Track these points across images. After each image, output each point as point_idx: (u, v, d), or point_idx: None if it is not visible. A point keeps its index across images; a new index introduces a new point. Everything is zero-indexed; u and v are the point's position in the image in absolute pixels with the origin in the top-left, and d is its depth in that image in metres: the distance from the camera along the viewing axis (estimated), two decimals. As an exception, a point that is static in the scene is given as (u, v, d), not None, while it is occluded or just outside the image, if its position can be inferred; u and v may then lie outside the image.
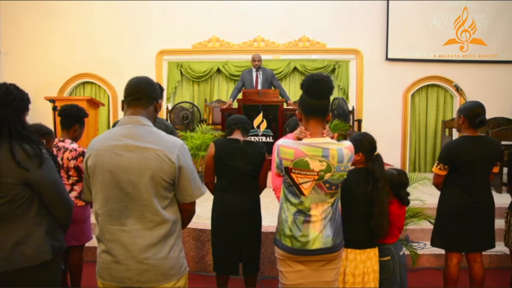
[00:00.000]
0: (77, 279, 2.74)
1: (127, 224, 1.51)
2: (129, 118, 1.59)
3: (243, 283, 2.68)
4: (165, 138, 1.58)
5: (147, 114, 1.61)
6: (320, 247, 1.75)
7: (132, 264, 1.50)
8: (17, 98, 1.57)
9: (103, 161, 1.52)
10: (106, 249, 1.54)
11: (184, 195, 1.60)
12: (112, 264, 1.52)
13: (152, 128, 1.59)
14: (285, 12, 6.99)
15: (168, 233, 1.56)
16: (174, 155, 1.53)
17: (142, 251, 1.50)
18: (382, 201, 2.10)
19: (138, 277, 1.51)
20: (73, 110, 2.68)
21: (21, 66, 7.11)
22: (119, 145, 1.52)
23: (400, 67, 6.92)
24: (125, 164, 1.50)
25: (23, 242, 1.53)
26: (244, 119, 2.70)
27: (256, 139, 5.04)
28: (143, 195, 1.50)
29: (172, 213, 1.59)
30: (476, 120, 2.51)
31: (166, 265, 1.54)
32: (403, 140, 7.06)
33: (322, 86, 1.74)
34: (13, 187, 1.50)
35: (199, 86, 7.41)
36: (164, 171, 1.51)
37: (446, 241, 2.63)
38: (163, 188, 1.53)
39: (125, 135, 1.54)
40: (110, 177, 1.51)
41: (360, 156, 2.17)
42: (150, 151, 1.51)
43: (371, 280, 2.12)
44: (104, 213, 1.54)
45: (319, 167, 1.70)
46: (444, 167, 2.57)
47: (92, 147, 1.58)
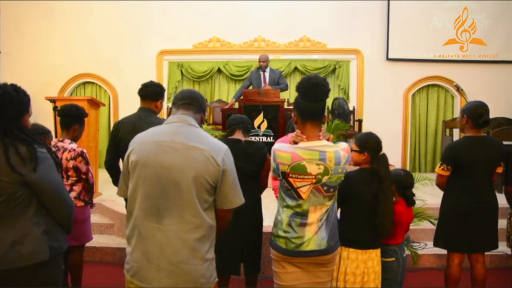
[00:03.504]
0: (77, 279, 2.74)
1: (163, 223, 1.48)
2: (178, 117, 1.59)
3: (244, 283, 2.68)
4: (212, 140, 1.57)
5: (195, 119, 1.62)
6: (314, 248, 1.74)
7: (163, 265, 1.47)
8: (14, 101, 1.54)
9: (147, 155, 1.50)
10: (139, 247, 1.50)
11: (224, 201, 1.56)
12: (143, 262, 1.49)
13: (200, 130, 1.59)
14: (285, 12, 6.98)
15: (204, 238, 1.52)
16: (220, 157, 1.51)
17: (175, 253, 1.47)
18: (387, 201, 2.10)
19: (167, 279, 1.47)
20: (72, 110, 2.67)
21: (22, 66, 7.11)
22: (166, 141, 1.51)
23: (400, 67, 6.92)
24: (170, 161, 1.48)
25: (19, 242, 1.51)
26: (245, 119, 2.70)
27: (257, 139, 5.03)
28: (184, 195, 1.47)
29: (210, 218, 1.55)
30: (479, 120, 2.50)
31: (198, 272, 1.50)
32: (404, 140, 7.05)
33: (320, 89, 1.73)
34: (9, 185, 1.48)
35: (199, 86, 7.41)
36: (209, 173, 1.49)
37: (449, 241, 2.62)
38: (205, 190, 1.50)
39: (173, 132, 1.53)
40: (153, 172, 1.48)
41: (365, 156, 2.17)
42: (197, 150, 1.49)
43: (371, 280, 2.12)
44: (142, 208, 1.50)
45: (317, 171, 1.69)
46: (447, 168, 2.56)
47: (136, 142, 1.57)
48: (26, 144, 1.54)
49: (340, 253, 2.14)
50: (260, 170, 2.57)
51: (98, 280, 3.17)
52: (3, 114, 1.53)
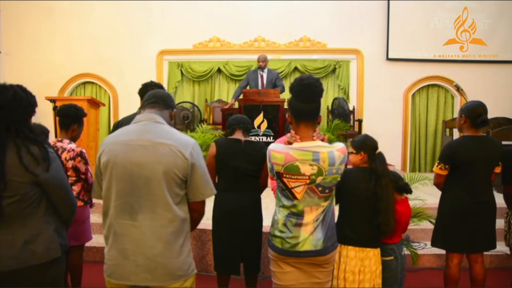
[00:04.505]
0: (77, 279, 2.74)
1: (138, 219, 1.52)
2: (145, 116, 1.63)
3: (244, 283, 2.68)
4: (179, 135, 1.62)
5: (162, 116, 1.67)
6: (310, 249, 1.73)
7: (141, 260, 1.51)
8: (24, 102, 1.57)
9: (116, 155, 1.54)
10: (115, 245, 1.54)
11: (195, 193, 1.61)
12: (120, 260, 1.53)
13: (166, 126, 1.64)
14: (285, 12, 6.99)
15: (178, 232, 1.56)
16: (187, 152, 1.56)
17: (151, 247, 1.51)
18: (388, 198, 2.11)
19: (145, 274, 1.51)
20: (71, 110, 2.68)
21: (22, 66, 7.11)
22: (134, 139, 1.55)
23: (400, 67, 6.92)
24: (139, 158, 1.52)
25: (32, 240, 1.54)
26: (245, 119, 2.70)
27: (257, 139, 5.03)
28: (155, 190, 1.52)
29: (183, 211, 1.60)
30: (477, 120, 2.50)
31: (175, 265, 1.55)
32: (404, 140, 7.06)
33: (313, 90, 1.72)
34: (22, 185, 1.50)
35: (199, 86, 7.41)
36: (178, 167, 1.53)
37: (447, 241, 2.62)
38: (176, 184, 1.55)
39: (140, 130, 1.58)
40: (123, 171, 1.52)
41: (362, 156, 2.20)
42: (165, 146, 1.54)
43: (367, 280, 2.12)
44: (115, 207, 1.54)
45: (310, 171, 1.68)
46: (444, 167, 2.56)
47: (105, 143, 1.61)
48: (37, 144, 1.56)
49: (340, 251, 2.15)
50: (260, 170, 2.57)
51: (98, 280, 3.16)
52: (15, 115, 1.55)
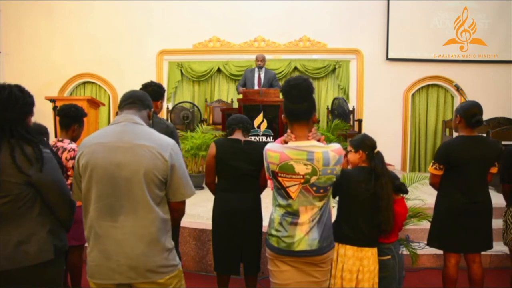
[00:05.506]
0: (77, 279, 2.74)
1: (119, 220, 1.53)
2: (123, 117, 1.63)
3: (244, 283, 2.69)
4: (158, 136, 1.62)
5: (141, 117, 1.66)
6: (305, 249, 1.74)
7: (123, 260, 1.52)
8: (20, 102, 1.56)
9: (96, 157, 1.53)
10: (96, 247, 1.55)
11: (175, 194, 1.62)
12: (102, 260, 1.53)
13: (145, 127, 1.64)
14: (285, 12, 6.99)
15: (159, 231, 1.57)
16: (167, 153, 1.57)
17: (133, 248, 1.52)
18: (388, 197, 2.13)
19: (128, 272, 1.52)
20: (71, 110, 2.68)
21: (22, 66, 7.12)
22: (113, 141, 1.55)
23: (400, 67, 6.92)
24: (119, 159, 1.52)
25: (25, 241, 1.53)
26: (244, 119, 2.70)
27: (257, 139, 5.04)
28: (136, 191, 1.52)
29: (163, 211, 1.61)
30: (472, 120, 2.50)
31: (157, 263, 1.56)
32: (403, 140, 7.06)
33: (299, 91, 1.74)
34: (16, 186, 1.50)
35: (199, 86, 7.41)
36: (158, 169, 1.54)
37: (443, 241, 2.62)
38: (156, 186, 1.56)
39: (119, 132, 1.57)
40: (103, 173, 1.52)
41: (360, 155, 2.21)
42: (144, 148, 1.54)
43: (366, 279, 2.13)
44: (96, 209, 1.54)
45: (304, 171, 1.69)
46: (439, 167, 2.56)
47: (84, 145, 1.59)
48: (32, 144, 1.55)
49: (338, 250, 2.17)
50: (259, 170, 2.57)
51: (98, 280, 3.17)
52: (9, 115, 1.54)
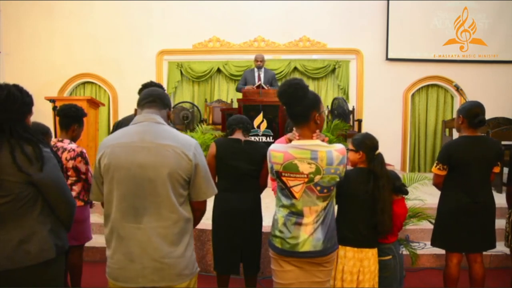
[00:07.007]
0: (77, 279, 2.74)
1: (143, 221, 1.51)
2: (145, 116, 1.61)
3: (244, 283, 2.69)
4: (181, 136, 1.61)
5: (161, 116, 1.65)
6: (309, 250, 1.75)
7: (147, 263, 1.50)
8: (18, 101, 1.56)
9: (119, 157, 1.52)
10: (120, 249, 1.53)
11: (198, 193, 1.62)
12: (126, 263, 1.51)
13: (167, 127, 1.62)
14: (285, 12, 6.99)
15: (183, 232, 1.57)
16: (191, 152, 1.56)
17: (157, 249, 1.51)
18: (384, 199, 2.12)
19: (153, 275, 1.50)
20: (71, 110, 2.68)
21: (22, 66, 7.11)
22: (136, 141, 1.54)
23: (400, 67, 6.92)
24: (143, 160, 1.51)
25: (26, 240, 1.53)
26: (245, 119, 2.70)
27: (257, 139, 5.03)
28: (160, 192, 1.51)
29: (187, 211, 1.61)
30: (475, 120, 2.51)
31: (181, 264, 1.55)
32: (403, 140, 7.06)
33: (287, 98, 1.76)
34: (16, 185, 1.50)
35: (199, 86, 7.41)
36: (182, 168, 1.53)
37: (446, 241, 2.63)
38: (180, 185, 1.55)
39: (141, 132, 1.56)
40: (127, 174, 1.50)
41: (361, 155, 2.20)
42: (168, 147, 1.53)
43: (366, 280, 2.13)
44: (119, 210, 1.53)
45: (308, 170, 1.70)
46: (443, 167, 2.56)
47: (106, 145, 1.58)
48: (32, 144, 1.55)
49: (337, 252, 2.15)
50: (259, 170, 2.57)
51: (97, 280, 3.17)
52: (9, 115, 1.54)
